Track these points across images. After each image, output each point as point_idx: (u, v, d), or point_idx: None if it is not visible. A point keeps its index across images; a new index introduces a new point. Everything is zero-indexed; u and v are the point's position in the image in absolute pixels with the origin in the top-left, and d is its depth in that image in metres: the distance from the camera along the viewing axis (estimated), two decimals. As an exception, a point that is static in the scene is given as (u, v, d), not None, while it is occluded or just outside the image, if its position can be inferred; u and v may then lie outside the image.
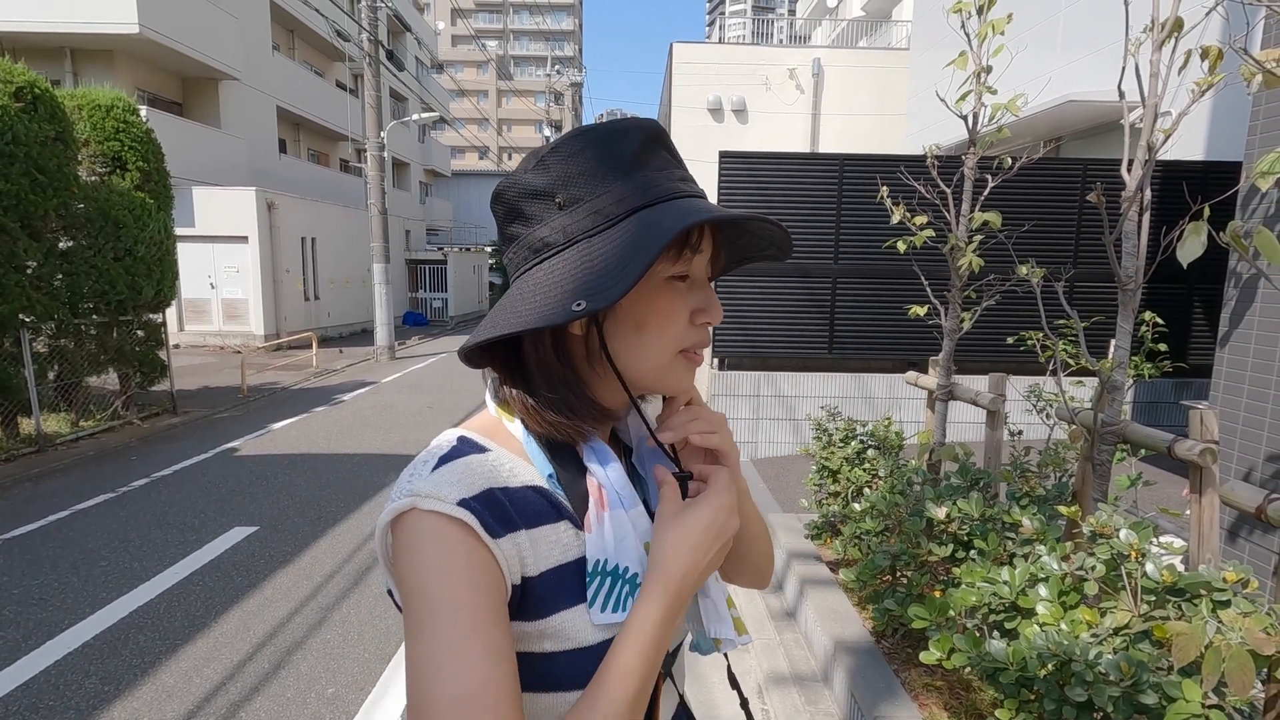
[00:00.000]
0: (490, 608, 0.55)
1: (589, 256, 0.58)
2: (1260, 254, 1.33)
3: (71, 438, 6.62)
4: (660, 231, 0.56)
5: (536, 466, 0.64)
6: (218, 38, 14.33)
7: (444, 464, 0.59)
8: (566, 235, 0.60)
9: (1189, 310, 5.88)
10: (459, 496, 0.56)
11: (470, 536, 0.56)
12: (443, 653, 0.53)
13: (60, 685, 2.76)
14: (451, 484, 0.57)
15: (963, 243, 2.91)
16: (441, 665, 0.52)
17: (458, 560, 0.55)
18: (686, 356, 0.64)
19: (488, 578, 0.55)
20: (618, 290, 0.54)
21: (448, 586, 0.54)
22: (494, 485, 0.59)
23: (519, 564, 0.58)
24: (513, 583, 0.58)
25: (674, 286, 0.62)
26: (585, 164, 0.60)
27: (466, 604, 0.54)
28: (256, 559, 3.96)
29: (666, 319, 0.62)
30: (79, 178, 6.71)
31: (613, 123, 0.62)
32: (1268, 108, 2.76)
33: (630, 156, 0.60)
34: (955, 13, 2.80)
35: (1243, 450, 2.84)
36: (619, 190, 0.59)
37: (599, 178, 0.60)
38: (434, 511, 0.55)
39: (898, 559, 2.55)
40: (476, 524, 0.56)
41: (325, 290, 16.32)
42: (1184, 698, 1.41)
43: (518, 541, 0.58)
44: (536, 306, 0.58)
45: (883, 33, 19.11)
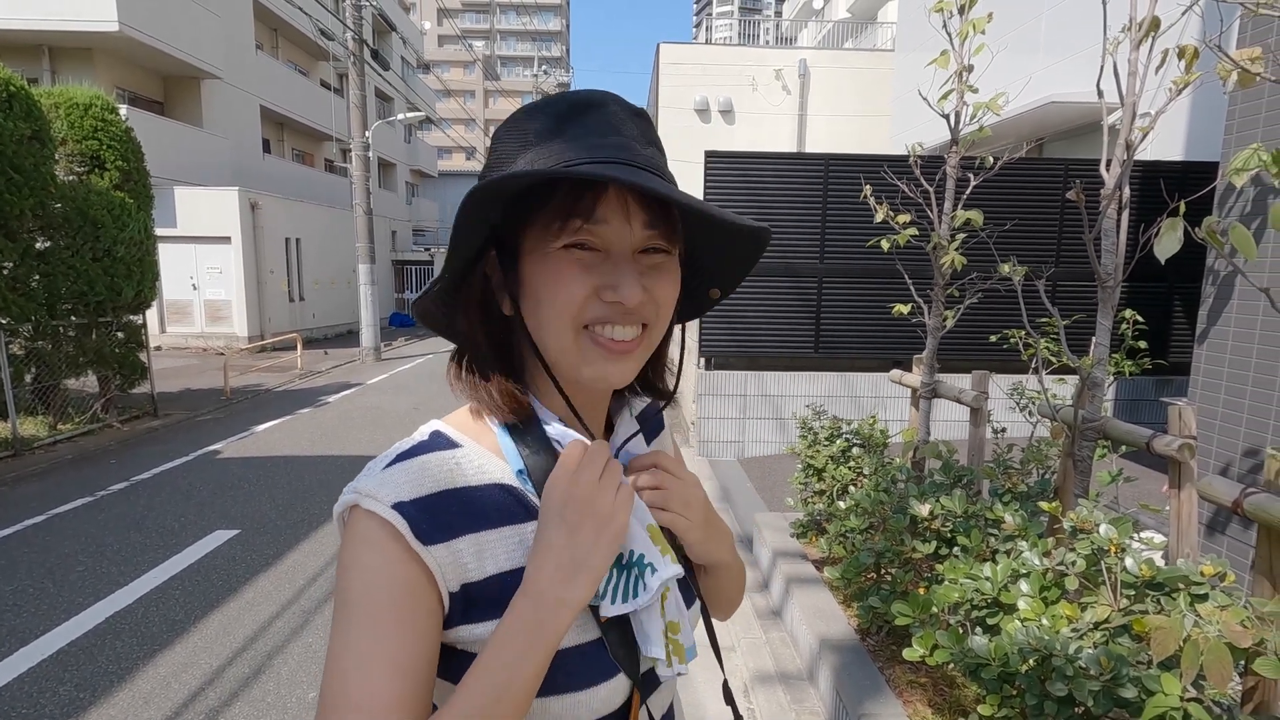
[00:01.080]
0: (403, 618, 0.54)
1: None
2: (1236, 250, 1.34)
3: (49, 441, 6.51)
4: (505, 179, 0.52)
5: (508, 461, 0.62)
6: (199, 36, 14.17)
7: (399, 461, 0.58)
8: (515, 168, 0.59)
9: (1170, 308, 5.95)
10: (396, 499, 0.55)
11: (397, 542, 0.55)
12: (347, 655, 0.53)
13: (34, 693, 2.70)
14: (395, 484, 0.56)
15: (945, 241, 2.92)
16: (345, 669, 0.53)
17: (380, 565, 0.55)
18: (596, 341, 0.58)
19: (408, 586, 0.54)
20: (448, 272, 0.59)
21: (365, 591, 0.54)
22: (450, 486, 0.58)
23: (458, 571, 0.56)
24: (450, 590, 0.56)
25: (572, 257, 0.56)
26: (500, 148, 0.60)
27: (376, 611, 0.54)
28: (237, 562, 3.91)
29: (559, 287, 0.56)
30: (56, 177, 6.60)
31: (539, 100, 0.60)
32: (1243, 107, 2.80)
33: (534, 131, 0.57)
34: (937, 12, 2.82)
35: (1221, 446, 2.87)
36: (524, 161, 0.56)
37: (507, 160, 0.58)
38: (370, 512, 0.55)
39: (882, 556, 2.55)
40: (406, 530, 0.55)
41: (310, 291, 16.18)
42: (1163, 691, 1.42)
43: (457, 549, 0.56)
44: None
45: (868, 34, 19.23)
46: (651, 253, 0.59)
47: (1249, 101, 2.73)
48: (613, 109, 0.59)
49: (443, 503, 0.57)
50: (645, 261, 0.59)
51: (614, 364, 0.59)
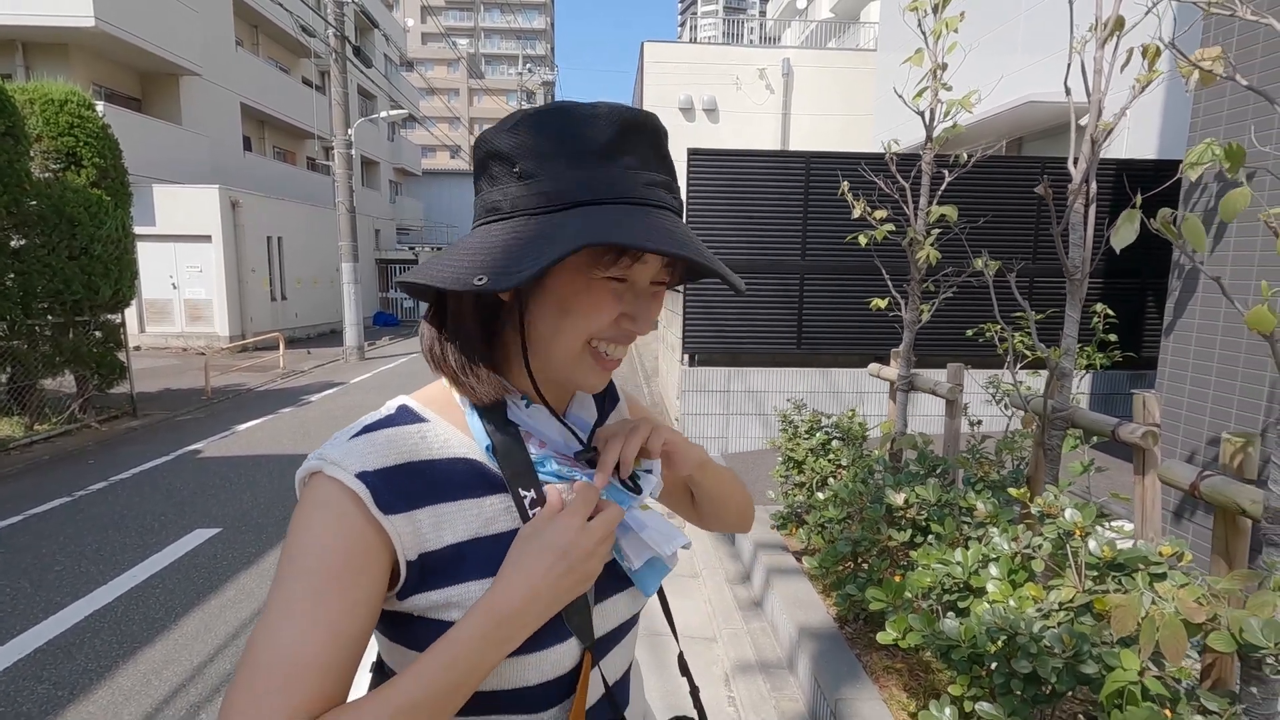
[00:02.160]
0: (346, 581, 0.56)
1: (519, 234, 0.58)
2: (1188, 242, 1.39)
3: (25, 441, 6.42)
4: (581, 234, 0.54)
5: (475, 438, 0.65)
6: (178, 32, 14.00)
7: (364, 434, 0.61)
8: (513, 206, 0.60)
9: (1143, 304, 6.07)
10: (360, 469, 0.58)
11: (358, 508, 0.57)
12: (278, 615, 0.54)
13: (11, 692, 2.68)
14: (359, 455, 0.58)
15: (921, 236, 2.98)
16: (272, 626, 0.54)
17: (338, 531, 0.56)
18: (596, 356, 0.64)
19: (362, 552, 0.57)
20: (516, 278, 0.54)
21: (312, 554, 0.56)
22: (413, 459, 0.60)
23: (416, 540, 0.59)
24: (407, 559, 0.58)
25: (608, 285, 0.61)
26: (550, 141, 0.58)
27: (321, 574, 0.55)
28: (219, 560, 3.89)
29: (592, 312, 0.61)
30: (31, 174, 6.51)
31: (594, 106, 0.60)
32: (1207, 105, 2.87)
33: (597, 146, 0.58)
34: (912, 10, 2.87)
35: (1186, 435, 2.95)
36: (571, 178, 0.58)
37: (558, 159, 0.58)
38: (332, 479, 0.57)
39: (858, 545, 2.60)
40: (368, 497, 0.57)
41: (292, 290, 16.04)
42: (1122, 666, 1.47)
43: (417, 519, 0.59)
44: (454, 268, 0.59)
45: (851, 34, 19.38)
46: (656, 284, 0.65)
47: (1212, 100, 2.81)
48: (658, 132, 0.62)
49: (405, 474, 0.59)
50: (651, 290, 0.65)
51: (602, 376, 0.65)
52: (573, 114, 0.59)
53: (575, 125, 0.58)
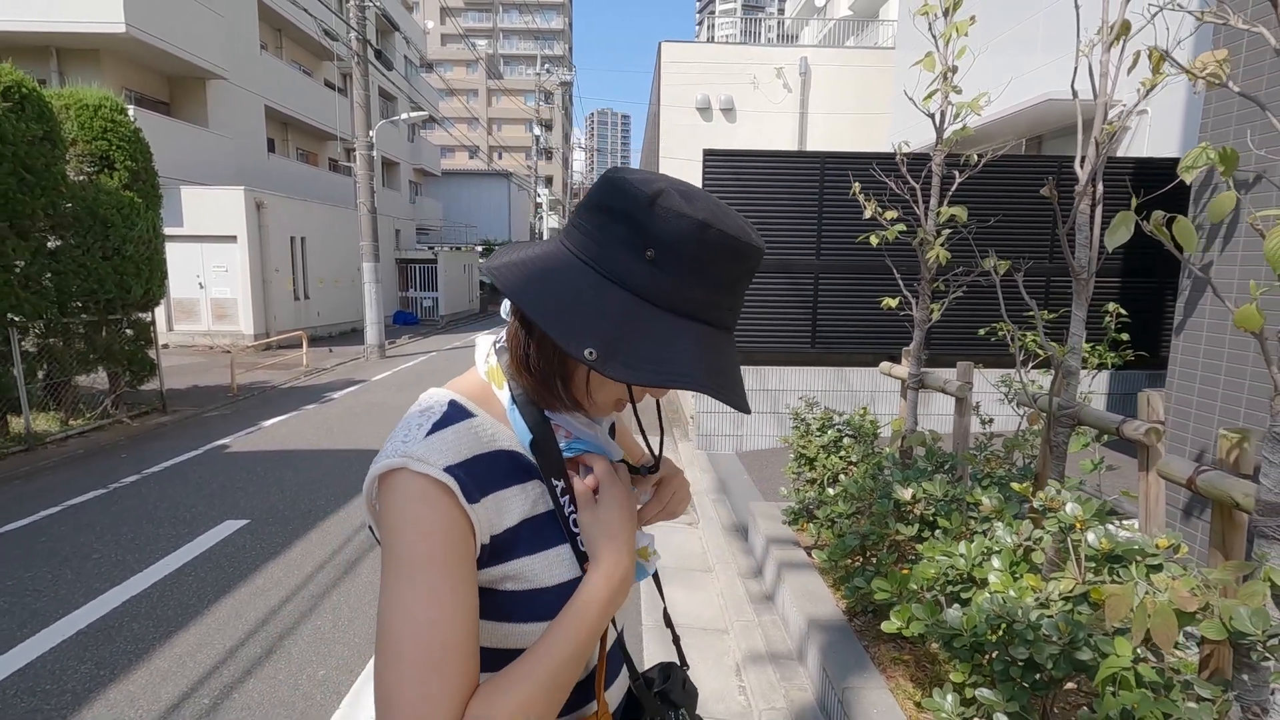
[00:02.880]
0: (461, 564, 0.63)
1: (632, 319, 0.61)
2: (1182, 244, 1.44)
3: (61, 436, 6.65)
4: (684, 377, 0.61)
5: (517, 433, 0.73)
6: (205, 37, 14.31)
7: (437, 430, 0.67)
8: (631, 282, 0.62)
9: (1160, 303, 6.03)
10: (446, 463, 0.64)
11: (452, 501, 0.64)
12: (415, 603, 0.60)
13: (56, 671, 2.82)
14: (441, 450, 0.65)
15: (931, 236, 3.02)
16: (414, 614, 0.60)
17: (440, 521, 0.63)
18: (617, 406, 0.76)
19: (462, 538, 0.64)
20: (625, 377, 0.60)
21: (428, 544, 0.62)
22: (480, 452, 0.68)
23: (489, 525, 0.67)
24: (483, 542, 0.66)
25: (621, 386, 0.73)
26: (694, 252, 0.61)
27: (442, 561, 0.62)
28: (248, 551, 4.03)
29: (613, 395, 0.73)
30: (67, 177, 6.73)
31: (739, 240, 0.63)
32: (1217, 105, 2.89)
33: (731, 279, 0.65)
34: (922, 15, 2.91)
35: (1196, 434, 2.97)
36: (692, 294, 0.63)
37: (692, 272, 0.62)
38: (423, 475, 0.63)
39: (866, 539, 2.65)
40: (459, 490, 0.64)
41: (315, 289, 16.32)
42: (1115, 653, 1.52)
43: (489, 505, 0.67)
44: (565, 318, 0.62)
45: (870, 31, 19.28)
46: None
47: (1223, 101, 2.83)
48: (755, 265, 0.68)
49: (478, 466, 0.67)
50: None
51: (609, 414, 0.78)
52: (725, 238, 0.62)
53: (723, 253, 0.62)
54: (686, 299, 0.63)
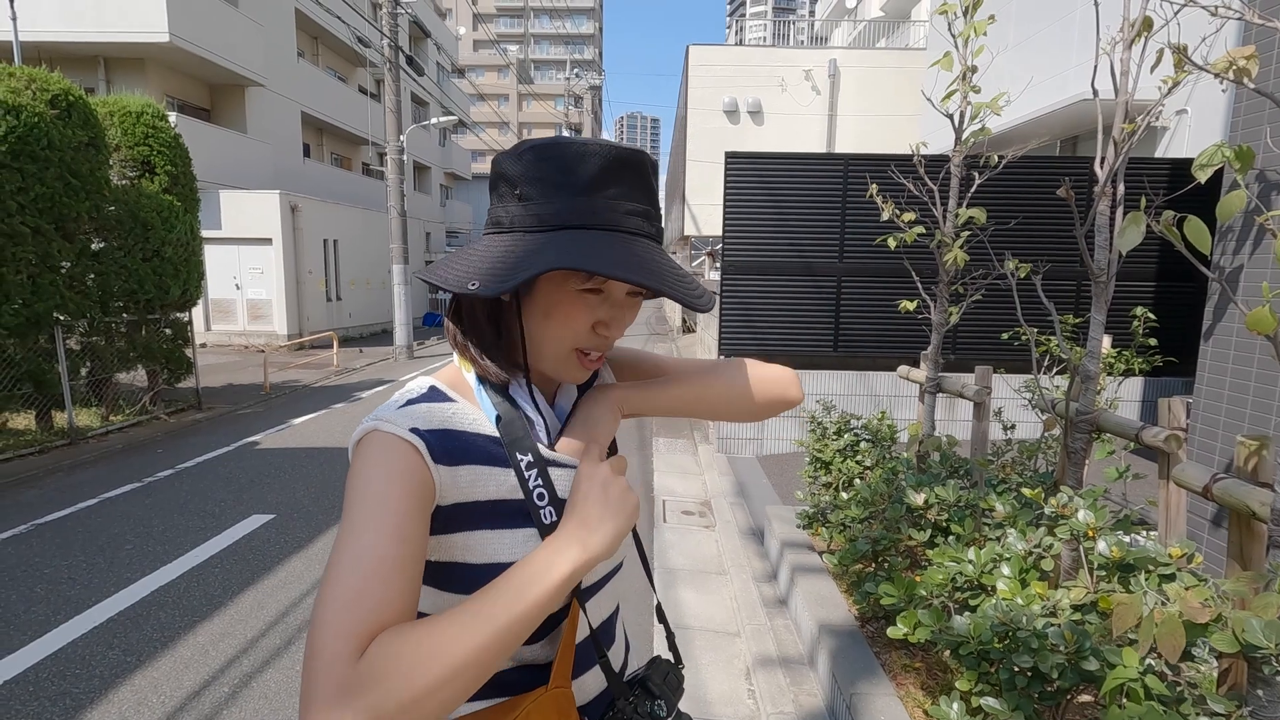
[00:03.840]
0: (414, 509, 0.64)
1: (511, 248, 0.69)
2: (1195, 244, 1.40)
3: (101, 431, 6.89)
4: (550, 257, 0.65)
5: (484, 410, 0.75)
6: (244, 45, 14.72)
7: (409, 405, 0.71)
8: (511, 223, 0.71)
9: (1198, 309, 5.84)
10: (413, 426, 0.68)
11: (416, 456, 0.66)
12: (359, 529, 0.61)
13: (86, 656, 2.93)
14: (409, 417, 0.69)
15: (949, 239, 2.98)
16: (355, 536, 0.60)
17: (399, 468, 0.65)
18: (581, 358, 0.75)
19: (421, 486, 0.66)
20: (500, 286, 0.66)
21: (383, 486, 0.63)
22: (452, 428, 0.71)
23: (455, 491, 0.69)
24: (440, 503, 0.68)
25: (584, 297, 0.72)
26: (548, 171, 0.69)
27: (394, 501, 0.63)
28: (272, 544, 4.13)
29: (567, 320, 0.72)
30: (110, 181, 6.99)
31: (586, 143, 0.69)
32: (1248, 104, 2.80)
33: (586, 179, 0.68)
34: (941, 14, 2.88)
35: (1225, 442, 2.87)
36: (560, 205, 0.68)
37: (551, 185, 0.69)
38: (390, 433, 0.67)
39: (878, 544, 2.62)
40: (423, 447, 0.67)
41: (346, 291, 16.65)
42: (1123, 664, 1.48)
43: (458, 473, 0.69)
44: (456, 271, 0.71)
45: (901, 33, 19.03)
46: (633, 294, 0.75)
47: (1253, 99, 2.74)
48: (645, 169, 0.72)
49: (447, 437, 0.70)
50: (628, 300, 0.75)
51: (584, 372, 0.77)
52: (568, 149, 0.69)
53: (569, 159, 0.69)
54: (557, 212, 0.69)
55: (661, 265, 0.70)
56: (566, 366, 0.76)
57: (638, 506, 0.73)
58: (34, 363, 6.25)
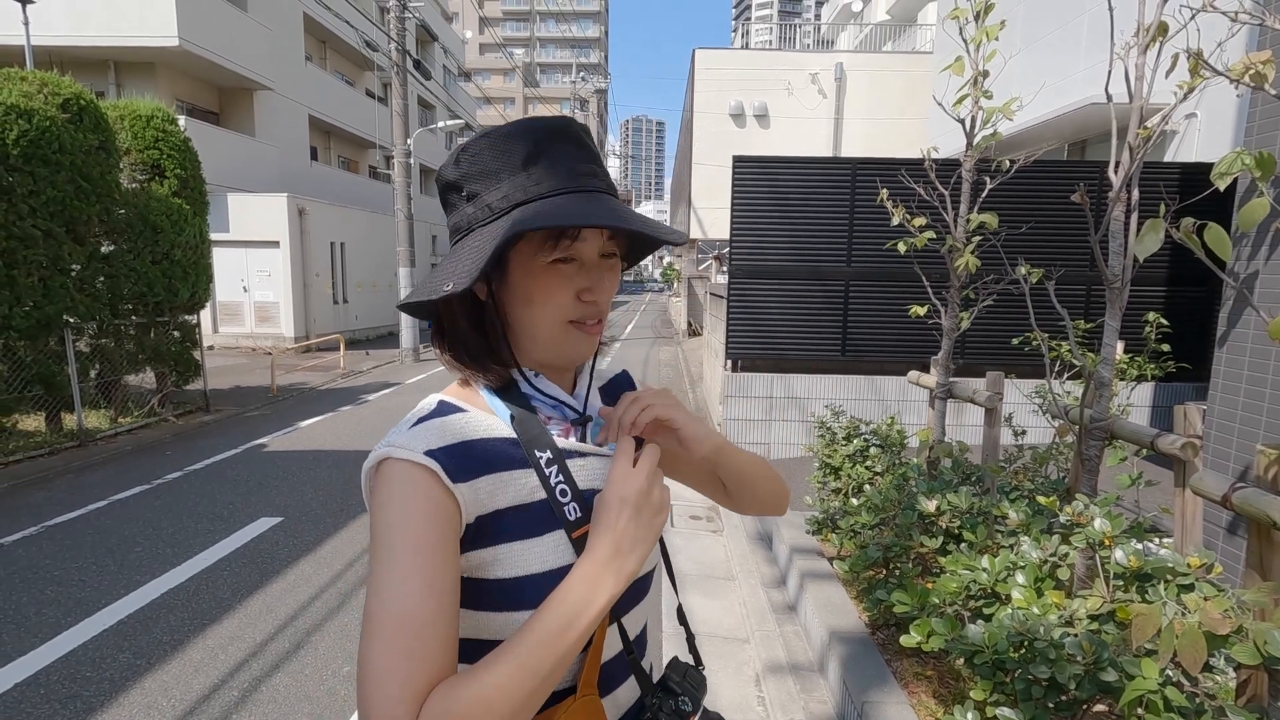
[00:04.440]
0: (440, 544, 0.64)
1: (472, 244, 0.69)
2: (1217, 252, 1.39)
3: (110, 433, 6.92)
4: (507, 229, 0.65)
5: (498, 414, 0.74)
6: (253, 49, 14.81)
7: (420, 423, 0.71)
8: (469, 223, 0.71)
9: (1211, 315, 5.80)
10: (426, 448, 0.67)
11: (434, 480, 0.66)
12: (392, 578, 0.62)
13: (96, 658, 2.94)
14: (422, 438, 0.68)
15: (960, 244, 2.97)
16: (391, 593, 0.61)
17: (420, 502, 0.65)
18: (579, 328, 0.73)
19: (444, 516, 0.65)
20: (468, 277, 0.65)
21: (406, 525, 0.64)
22: (466, 439, 0.70)
23: (476, 506, 0.68)
24: (468, 521, 0.68)
25: (557, 269, 0.70)
26: (484, 162, 0.70)
27: (417, 542, 0.63)
28: (281, 547, 4.14)
29: (548, 297, 0.71)
30: (120, 184, 7.03)
31: (511, 124, 0.71)
32: (1264, 109, 2.78)
33: (522, 156, 0.69)
34: (953, 19, 2.87)
35: (1240, 449, 2.85)
36: (505, 187, 0.69)
37: (492, 175, 0.70)
38: (404, 460, 0.66)
39: (889, 551, 2.61)
40: (440, 470, 0.66)
41: (353, 294, 16.71)
42: (1142, 675, 1.47)
43: (478, 486, 0.68)
44: (428, 283, 0.71)
45: (908, 36, 19.02)
46: (607, 256, 0.74)
47: (1269, 104, 2.72)
48: (576, 132, 0.73)
49: (461, 451, 0.69)
50: (605, 264, 0.74)
51: (588, 343, 0.75)
52: (496, 135, 0.71)
53: (500, 144, 0.70)
54: (504, 196, 0.69)
55: (621, 210, 0.70)
56: (568, 343, 0.74)
57: (666, 502, 0.72)
58: (44, 365, 6.29)
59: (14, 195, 5.67)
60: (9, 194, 5.63)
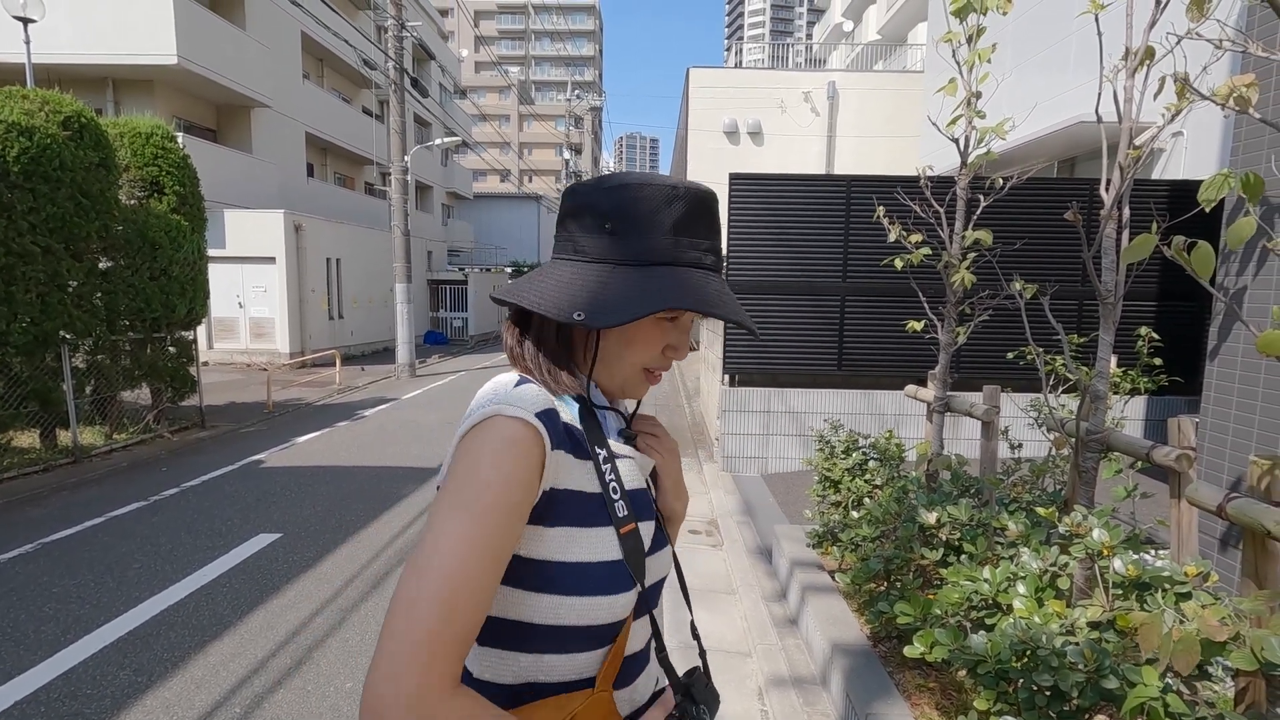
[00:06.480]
0: (518, 508, 0.68)
1: (606, 281, 0.74)
2: (1196, 268, 1.44)
3: (105, 449, 6.89)
4: (662, 297, 0.72)
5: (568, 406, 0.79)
6: (251, 67, 14.92)
7: (520, 386, 0.74)
8: (600, 254, 0.76)
9: (1201, 328, 5.89)
10: (535, 409, 0.71)
11: (538, 444, 0.70)
12: (464, 535, 0.63)
13: (97, 676, 2.92)
14: (530, 400, 0.72)
15: (956, 260, 3.03)
16: (459, 544, 0.63)
17: (520, 469, 0.68)
18: (649, 375, 0.82)
19: (530, 481, 0.69)
20: (611, 321, 0.71)
21: (501, 489, 0.66)
22: (553, 406, 0.75)
23: (554, 475, 0.72)
24: (544, 490, 0.72)
25: (661, 325, 0.79)
26: (641, 209, 0.74)
27: (504, 510, 0.66)
28: (280, 564, 4.12)
29: (648, 345, 0.79)
30: (119, 201, 7.06)
31: (675, 184, 0.75)
32: (1248, 130, 2.86)
33: (675, 219, 0.75)
34: (946, 42, 2.95)
35: (1233, 461, 2.90)
36: (653, 242, 0.74)
37: (645, 225, 0.74)
38: (515, 417, 0.69)
39: (890, 563, 2.63)
40: (545, 434, 0.70)
41: (349, 309, 16.71)
42: (1144, 682, 1.50)
43: (558, 458, 0.72)
44: (552, 297, 0.75)
45: (899, 56, 19.31)
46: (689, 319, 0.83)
47: (1253, 124, 2.80)
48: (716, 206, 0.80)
49: (553, 417, 0.73)
50: (689, 325, 0.83)
51: (648, 387, 0.84)
52: (661, 189, 0.75)
53: (662, 199, 0.75)
54: (650, 249, 0.74)
55: (732, 299, 0.77)
56: (635, 384, 0.82)
57: None
58: (40, 381, 6.27)
59: (14, 212, 5.68)
60: (9, 211, 5.65)
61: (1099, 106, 2.36)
